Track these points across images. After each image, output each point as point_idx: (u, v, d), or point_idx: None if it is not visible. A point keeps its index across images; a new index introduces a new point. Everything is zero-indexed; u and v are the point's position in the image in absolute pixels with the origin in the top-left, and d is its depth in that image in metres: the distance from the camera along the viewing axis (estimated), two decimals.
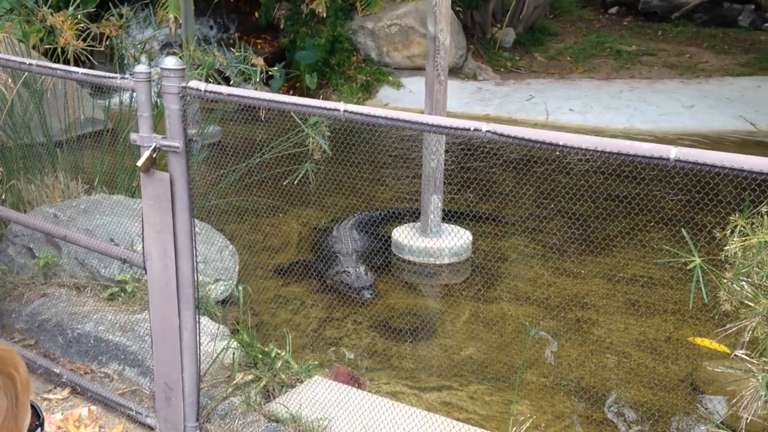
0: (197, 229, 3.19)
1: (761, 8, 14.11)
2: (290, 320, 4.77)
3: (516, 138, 2.26)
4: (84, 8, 6.00)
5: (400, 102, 10.09)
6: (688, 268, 2.58)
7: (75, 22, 5.06)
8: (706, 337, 4.46)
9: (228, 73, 5.20)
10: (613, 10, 15.42)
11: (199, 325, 3.17)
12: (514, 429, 3.34)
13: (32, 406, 1.32)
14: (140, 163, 2.92)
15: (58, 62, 4.96)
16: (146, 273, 3.14)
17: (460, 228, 5.84)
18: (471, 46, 11.80)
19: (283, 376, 3.51)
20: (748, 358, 2.85)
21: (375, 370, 4.26)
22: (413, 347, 4.54)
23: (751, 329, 2.70)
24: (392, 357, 4.42)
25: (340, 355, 4.43)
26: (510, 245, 5.93)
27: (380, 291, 5.15)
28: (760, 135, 9.17)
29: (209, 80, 4.62)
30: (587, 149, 2.14)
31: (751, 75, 11.24)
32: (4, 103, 4.96)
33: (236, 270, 4.77)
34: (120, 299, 4.07)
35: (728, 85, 10.80)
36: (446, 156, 5.87)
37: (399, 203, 6.74)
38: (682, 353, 4.43)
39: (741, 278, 2.68)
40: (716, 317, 3.70)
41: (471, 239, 5.75)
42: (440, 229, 5.71)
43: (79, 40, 5.02)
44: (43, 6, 5.26)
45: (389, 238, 5.85)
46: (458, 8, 11.38)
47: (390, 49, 10.95)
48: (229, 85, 3.52)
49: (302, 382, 3.53)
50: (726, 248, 2.68)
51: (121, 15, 5.32)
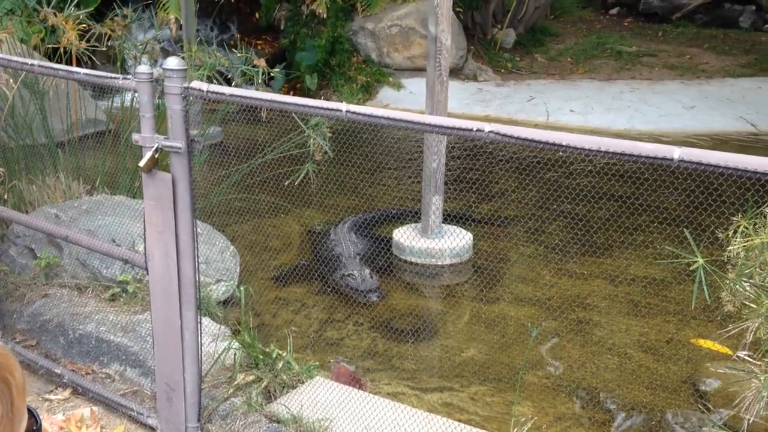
0: (199, 230, 3.18)
1: (762, 9, 14.11)
2: (291, 321, 4.77)
3: (519, 138, 2.25)
4: (84, 8, 6.00)
5: (401, 103, 10.06)
6: (691, 269, 2.58)
7: (77, 23, 5.07)
8: (708, 339, 4.46)
9: (230, 75, 5.21)
10: (614, 11, 15.42)
11: (201, 326, 3.17)
12: (516, 430, 3.34)
13: (29, 410, 1.31)
14: (142, 164, 2.93)
15: (60, 62, 4.97)
16: (148, 273, 3.14)
17: (461, 229, 5.84)
18: (471, 47, 11.80)
19: (284, 377, 3.51)
20: (751, 360, 2.85)
21: (376, 371, 4.26)
22: (414, 348, 4.53)
23: (754, 330, 2.70)
24: (393, 358, 4.41)
25: (341, 356, 4.42)
26: (511, 246, 5.93)
27: (384, 293, 5.14)
28: (761, 136, 9.17)
29: (211, 81, 4.62)
30: (590, 149, 2.14)
31: (752, 76, 11.24)
32: (5, 103, 4.96)
33: (237, 271, 4.77)
34: (121, 300, 4.07)
35: (729, 86, 10.79)
36: (446, 157, 5.86)
37: (399, 203, 6.73)
38: (684, 354, 4.43)
39: (743, 279, 2.68)
40: (718, 318, 3.70)
41: (472, 240, 5.75)
42: (441, 230, 5.71)
43: (82, 41, 5.03)
44: (45, 6, 5.27)
45: (389, 240, 5.84)
46: (459, 9, 11.38)
47: (390, 50, 10.94)
48: (231, 86, 3.52)
49: (303, 383, 3.53)
50: (728, 249, 2.67)
51: (125, 15, 5.33)
